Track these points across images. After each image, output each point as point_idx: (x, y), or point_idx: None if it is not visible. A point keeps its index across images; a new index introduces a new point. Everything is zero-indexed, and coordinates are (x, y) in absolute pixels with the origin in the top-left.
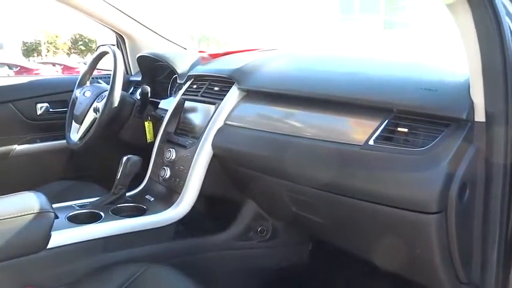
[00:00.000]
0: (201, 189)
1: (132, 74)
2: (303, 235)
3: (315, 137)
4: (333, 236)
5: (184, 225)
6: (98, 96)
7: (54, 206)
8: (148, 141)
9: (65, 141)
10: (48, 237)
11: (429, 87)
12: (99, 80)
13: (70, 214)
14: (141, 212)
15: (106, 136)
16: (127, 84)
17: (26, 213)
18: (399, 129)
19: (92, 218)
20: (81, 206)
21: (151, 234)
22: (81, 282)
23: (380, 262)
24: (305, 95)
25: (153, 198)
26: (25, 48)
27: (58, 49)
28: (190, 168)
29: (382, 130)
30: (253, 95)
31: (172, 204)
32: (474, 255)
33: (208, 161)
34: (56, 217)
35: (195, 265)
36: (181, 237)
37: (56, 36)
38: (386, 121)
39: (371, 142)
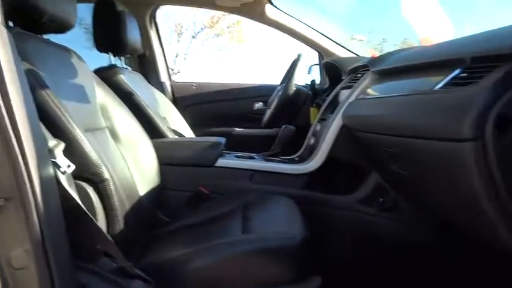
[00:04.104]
0: (330, 151)
1: (328, 84)
2: (426, 214)
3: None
4: (425, 197)
5: (314, 180)
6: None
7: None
8: (311, 123)
9: None
10: (217, 158)
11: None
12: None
13: (237, 154)
14: (283, 163)
15: (282, 117)
16: (322, 92)
17: (206, 141)
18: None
19: (249, 158)
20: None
21: (286, 179)
22: (230, 194)
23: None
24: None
25: (297, 159)
26: None
27: None
28: (323, 134)
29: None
30: (383, 75)
31: (306, 161)
32: None
33: (338, 129)
34: (228, 153)
35: (317, 216)
36: (311, 188)
37: None
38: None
39: None
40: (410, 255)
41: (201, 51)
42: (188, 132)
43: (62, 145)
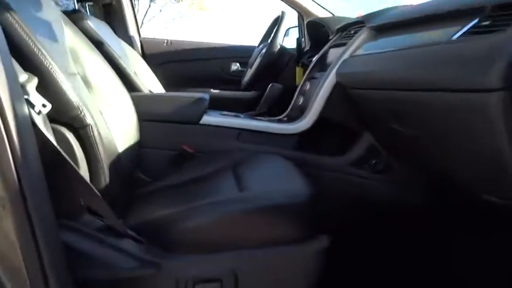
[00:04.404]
0: (322, 110)
1: (308, 47)
2: (419, 175)
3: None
4: (426, 156)
5: (304, 140)
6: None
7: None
8: (296, 84)
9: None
10: (202, 114)
11: None
12: None
13: (223, 113)
14: (272, 122)
15: (264, 78)
16: (304, 54)
17: (189, 96)
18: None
19: (235, 117)
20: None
21: (276, 139)
22: (215, 152)
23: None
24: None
25: (286, 118)
26: None
27: None
28: (315, 93)
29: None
30: (381, 31)
31: (297, 121)
32: None
33: (331, 88)
34: (212, 111)
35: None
36: (301, 149)
37: None
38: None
39: None
40: (401, 217)
41: (160, 17)
42: (161, 91)
43: (35, 80)
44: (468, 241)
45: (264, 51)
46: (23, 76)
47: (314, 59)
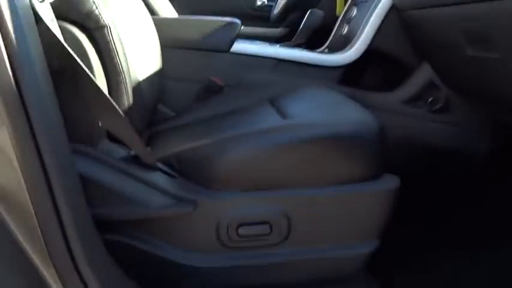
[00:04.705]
0: (373, 39)
1: None
2: (482, 116)
3: None
4: (501, 85)
5: (350, 73)
6: None
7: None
8: (337, 14)
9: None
10: (232, 42)
11: None
12: None
13: (256, 42)
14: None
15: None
16: None
17: (219, 20)
18: None
19: (270, 45)
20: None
21: (318, 71)
22: (248, 86)
23: None
24: None
25: (327, 50)
26: None
27: None
28: (365, 19)
29: None
30: None
31: (342, 51)
32: None
33: (385, 13)
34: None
35: None
36: (346, 83)
37: None
38: None
39: None
40: (461, 165)
41: None
42: None
43: None
44: None
45: None
46: None
47: None
